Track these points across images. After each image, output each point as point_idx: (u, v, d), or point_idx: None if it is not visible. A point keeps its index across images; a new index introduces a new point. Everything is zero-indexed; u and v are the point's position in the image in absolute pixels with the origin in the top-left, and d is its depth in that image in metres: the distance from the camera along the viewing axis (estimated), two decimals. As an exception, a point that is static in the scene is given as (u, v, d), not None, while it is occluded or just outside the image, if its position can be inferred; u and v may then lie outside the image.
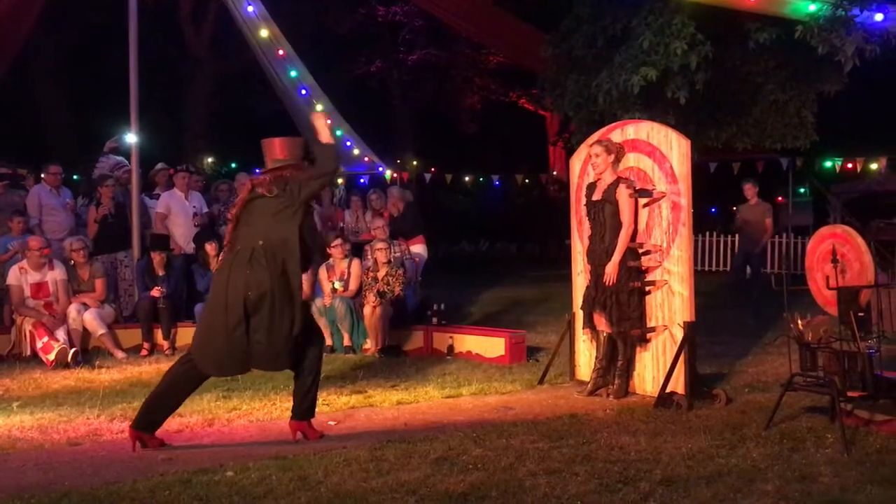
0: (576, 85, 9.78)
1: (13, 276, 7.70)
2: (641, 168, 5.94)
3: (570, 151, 10.27)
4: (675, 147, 5.73)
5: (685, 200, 5.67)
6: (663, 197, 5.77)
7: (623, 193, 5.75)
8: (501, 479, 4.05)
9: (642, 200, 5.87)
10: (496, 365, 7.19)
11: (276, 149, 4.86)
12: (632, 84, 8.32)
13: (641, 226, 5.90)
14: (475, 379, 6.57)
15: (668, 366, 5.59)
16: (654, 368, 5.85)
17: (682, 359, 5.56)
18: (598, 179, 5.95)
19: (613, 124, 6.40)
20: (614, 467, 4.19)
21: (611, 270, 5.72)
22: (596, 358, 6.03)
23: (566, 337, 6.54)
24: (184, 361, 4.79)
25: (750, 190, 9.88)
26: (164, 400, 4.73)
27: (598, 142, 5.98)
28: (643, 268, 5.84)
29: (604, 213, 5.83)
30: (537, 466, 4.22)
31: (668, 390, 5.55)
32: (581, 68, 9.75)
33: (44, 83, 19.05)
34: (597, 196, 5.90)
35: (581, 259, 6.36)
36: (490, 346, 7.48)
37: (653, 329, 5.82)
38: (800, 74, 9.54)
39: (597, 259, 5.88)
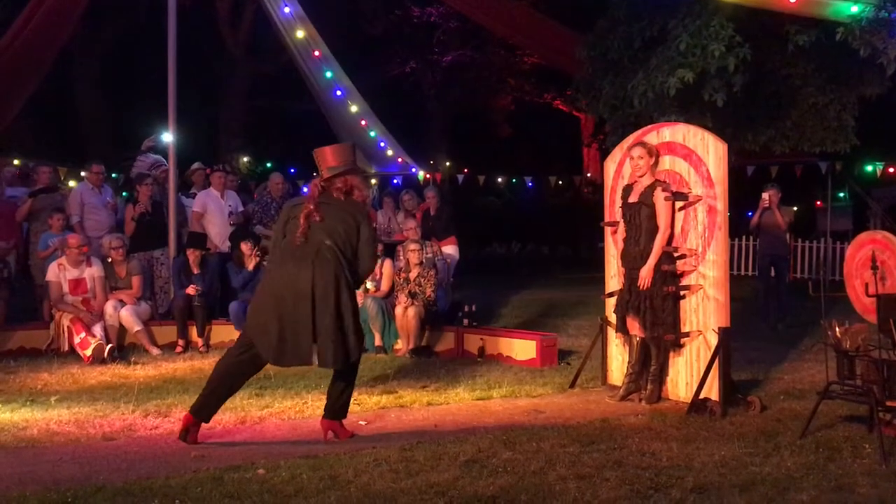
0: (611, 87, 9.70)
1: (52, 273, 7.84)
2: (677, 171, 5.87)
3: (605, 153, 10.20)
4: (711, 150, 5.67)
5: (721, 204, 5.60)
6: (699, 200, 5.70)
7: (660, 197, 5.70)
8: (531, 482, 4.03)
9: (678, 204, 5.80)
10: (527, 368, 7.16)
11: (329, 157, 5.00)
12: (668, 86, 8.22)
13: (677, 229, 5.84)
14: (506, 381, 6.55)
15: (702, 371, 5.53)
16: (687, 374, 5.78)
17: (716, 365, 5.49)
18: (635, 182, 5.90)
19: (649, 126, 6.35)
20: (645, 473, 4.15)
21: (645, 274, 5.67)
22: (628, 363, 5.98)
23: (598, 341, 6.50)
24: (241, 351, 4.85)
25: (774, 196, 9.66)
26: (219, 389, 4.83)
27: (641, 144, 5.92)
28: (678, 272, 5.78)
29: (640, 216, 5.78)
30: (567, 471, 4.19)
31: (701, 396, 5.48)
32: (617, 70, 9.67)
33: (83, 84, 19.39)
34: (633, 199, 5.85)
35: (614, 262, 6.31)
36: (521, 348, 7.45)
37: (687, 334, 5.76)
38: (840, 77, 9.36)
39: (631, 262, 5.83)
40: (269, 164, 18.99)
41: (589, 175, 20.50)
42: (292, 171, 16.58)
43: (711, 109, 8.64)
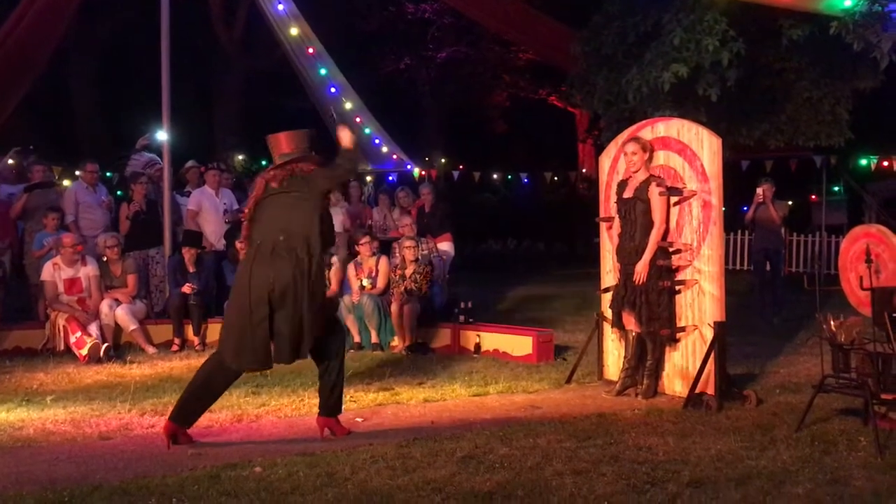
0: (606, 82, 9.71)
1: (47, 272, 7.82)
2: (671, 166, 5.88)
3: (600, 149, 10.19)
4: (705, 145, 5.67)
5: (716, 199, 5.61)
6: (694, 195, 5.71)
7: (655, 192, 5.70)
8: (528, 478, 4.04)
9: (672, 199, 5.81)
10: (523, 363, 7.16)
11: (283, 143, 4.91)
12: (662, 81, 8.23)
13: (671, 224, 5.85)
14: (502, 377, 6.56)
15: (698, 366, 5.54)
16: (683, 368, 5.79)
17: (712, 359, 5.50)
18: (630, 177, 5.91)
19: (643, 122, 6.35)
20: (642, 468, 4.16)
21: (641, 269, 5.68)
22: (624, 357, 5.99)
23: (594, 336, 6.50)
24: (216, 358, 4.83)
25: (768, 191, 9.68)
26: (198, 396, 4.79)
27: (635, 139, 5.93)
28: (673, 267, 5.79)
29: (635, 211, 5.78)
30: (564, 466, 4.20)
31: (697, 391, 5.50)
32: (611, 65, 9.67)
33: (78, 82, 19.33)
34: (628, 194, 5.85)
35: (610, 257, 6.32)
36: (517, 344, 7.45)
37: (682, 329, 5.76)
38: (834, 71, 9.37)
39: (626, 258, 5.84)
40: (263, 162, 18.94)
41: (584, 171, 20.51)
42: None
43: (706, 104, 8.65)
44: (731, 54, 8.21)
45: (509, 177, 19.01)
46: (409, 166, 16.30)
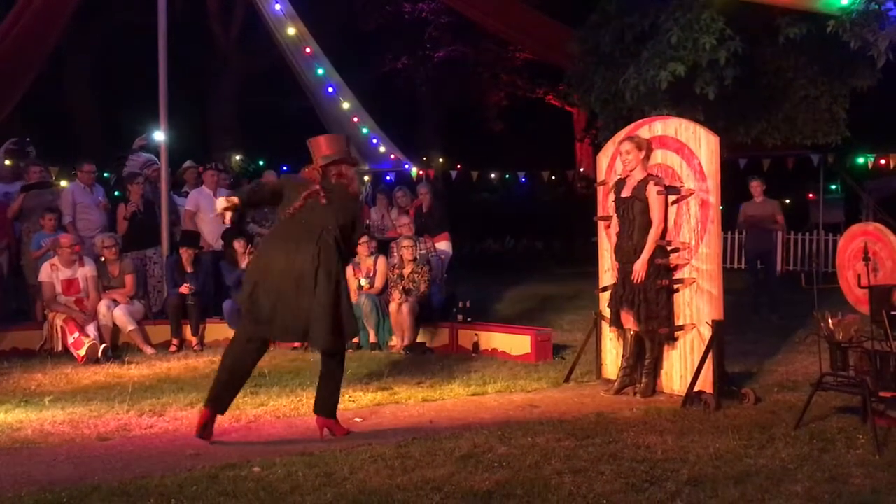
0: (603, 81, 9.69)
1: (45, 273, 7.81)
2: (669, 165, 5.88)
3: (597, 148, 10.18)
4: (703, 143, 5.68)
5: (714, 198, 5.61)
6: (692, 194, 5.71)
7: (653, 191, 5.70)
8: (527, 477, 4.04)
9: (671, 198, 5.81)
10: (522, 363, 7.16)
11: (323, 146, 5.03)
12: (660, 80, 8.21)
13: (670, 223, 5.85)
14: (501, 377, 6.56)
15: (696, 364, 5.54)
16: (681, 367, 5.80)
17: (710, 357, 5.50)
18: (628, 176, 5.91)
19: (641, 120, 6.36)
20: (641, 467, 4.17)
21: (639, 268, 5.68)
22: (623, 356, 5.99)
23: (593, 335, 6.50)
24: (248, 338, 4.90)
25: (757, 188, 9.84)
26: (232, 380, 4.89)
27: (629, 138, 5.93)
28: (671, 265, 5.79)
29: (633, 211, 5.78)
30: (563, 465, 4.21)
31: (695, 389, 5.50)
32: (608, 64, 9.65)
33: (74, 83, 19.29)
34: (626, 193, 5.85)
35: (608, 256, 6.32)
36: (516, 343, 7.45)
37: (681, 328, 5.77)
38: (832, 70, 9.37)
39: (625, 256, 5.84)
40: (261, 162, 18.93)
41: (582, 170, 20.50)
42: (284, 168, 16.53)
43: (703, 103, 8.64)
44: (728, 53, 8.20)
45: (507, 176, 19.00)
46: (406, 166, 16.28)
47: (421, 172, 16.37)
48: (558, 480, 3.97)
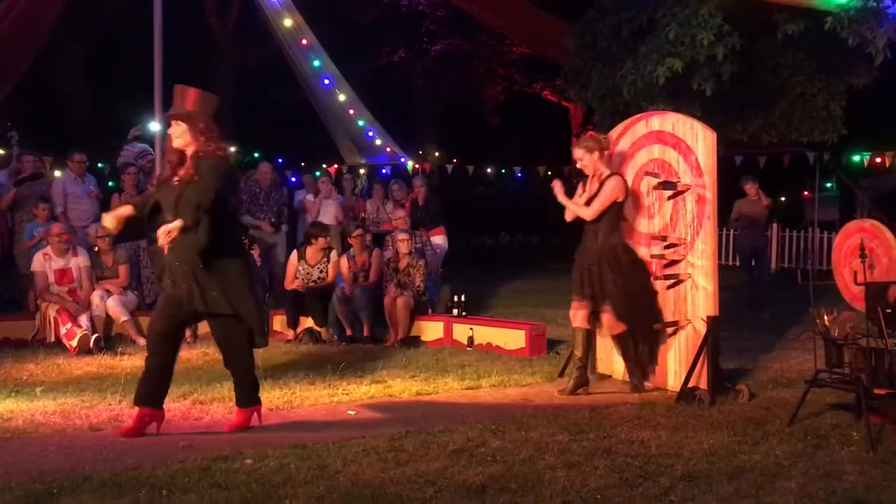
0: (600, 76, 9.67)
1: (37, 263, 7.77)
2: (666, 160, 5.87)
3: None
4: (700, 139, 5.66)
5: (710, 193, 5.60)
6: (688, 190, 5.70)
7: (610, 182, 5.63)
8: (520, 471, 4.02)
9: (666, 193, 5.80)
10: (516, 357, 7.15)
11: (189, 99, 4.88)
12: (657, 75, 8.21)
13: (666, 218, 5.83)
14: (495, 371, 6.54)
15: (691, 360, 5.53)
16: (676, 363, 5.79)
17: (704, 353, 5.49)
18: (593, 175, 5.85)
19: (638, 116, 6.34)
20: (635, 462, 4.16)
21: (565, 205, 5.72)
22: (576, 356, 5.90)
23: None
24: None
25: (751, 189, 9.94)
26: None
27: (577, 144, 5.90)
28: (667, 261, 5.78)
29: None
30: (557, 459, 4.19)
31: (690, 385, 5.49)
32: (605, 59, 9.63)
33: (68, 72, 19.18)
34: (591, 192, 5.80)
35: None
36: (510, 338, 7.44)
37: (675, 323, 5.75)
38: (829, 67, 9.36)
39: (590, 258, 5.76)
40: (256, 154, 18.86)
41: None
42: (280, 160, 16.48)
43: (700, 98, 8.63)
44: (726, 49, 8.19)
45: (503, 171, 18.98)
46: (402, 159, 16.24)
47: (417, 166, 16.33)
48: (552, 475, 3.96)
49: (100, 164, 13.21)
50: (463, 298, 8.14)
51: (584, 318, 5.80)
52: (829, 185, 18.02)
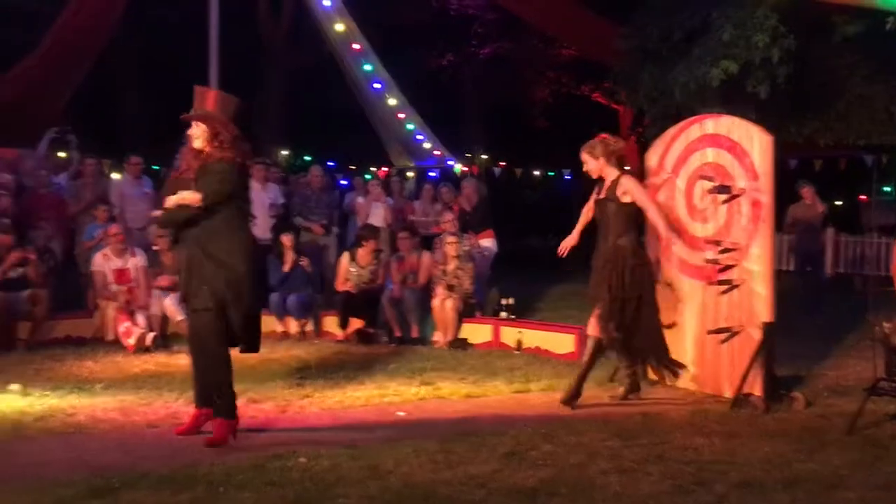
0: (650, 78, 9.62)
1: (97, 263, 7.98)
2: (721, 164, 5.79)
3: (644, 146, 10.05)
4: (756, 142, 5.58)
5: (766, 197, 5.51)
6: (743, 193, 5.62)
7: (625, 184, 5.50)
8: (571, 476, 4.01)
9: (721, 197, 5.72)
10: (565, 361, 7.12)
11: (209, 100, 4.88)
12: (711, 77, 8.13)
13: (720, 223, 5.76)
14: (544, 375, 6.52)
15: (745, 367, 5.45)
16: (729, 369, 5.70)
17: (759, 360, 5.40)
18: (601, 178, 5.74)
19: (692, 118, 6.27)
20: (688, 468, 4.12)
21: (665, 236, 5.54)
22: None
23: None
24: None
25: (808, 192, 9.69)
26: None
27: (582, 148, 5.72)
28: (721, 265, 5.70)
29: (607, 213, 5.59)
30: (608, 465, 4.17)
31: (744, 392, 5.41)
32: (656, 61, 9.59)
33: (124, 78, 19.66)
34: (601, 195, 5.69)
35: (658, 253, 6.24)
36: (559, 341, 7.41)
37: (728, 329, 5.66)
38: (888, 67, 9.16)
39: (599, 260, 5.63)
40: (307, 157, 19.10)
41: (627, 168, 20.29)
42: (331, 163, 16.67)
43: (755, 101, 8.51)
44: (781, 51, 8.08)
45: (551, 173, 18.90)
46: (450, 162, 16.30)
47: (465, 169, 16.37)
48: (604, 480, 3.94)
49: (155, 167, 13.50)
50: (511, 301, 8.13)
51: (596, 326, 5.62)
52: (887, 189, 17.56)
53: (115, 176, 11.26)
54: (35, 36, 12.22)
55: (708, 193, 5.81)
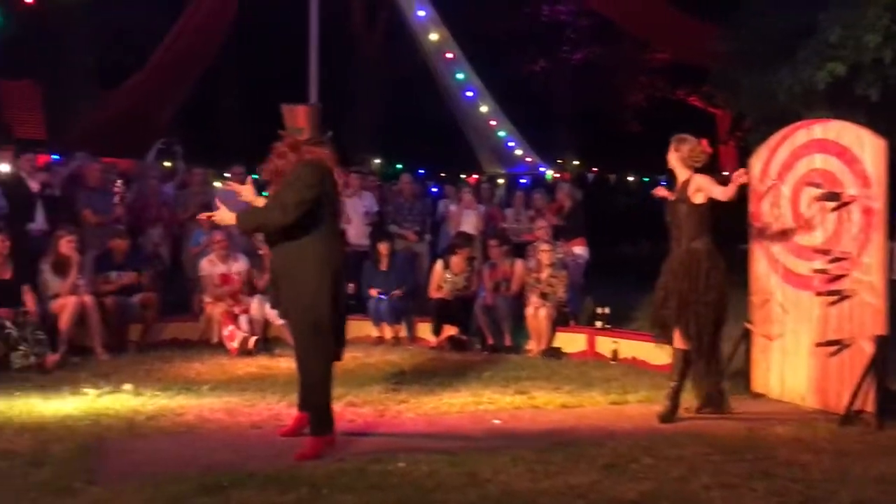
0: (752, 81, 9.33)
1: (205, 267, 8.30)
2: (829, 170, 5.58)
3: (742, 151, 9.78)
4: (868, 147, 5.35)
5: (879, 204, 5.28)
6: (854, 201, 5.39)
7: (698, 181, 5.29)
8: (673, 489, 3.94)
9: (830, 204, 5.51)
10: (663, 373, 6.94)
11: (300, 117, 4.86)
12: (817, 80, 7.83)
13: (828, 231, 5.54)
14: (642, 386, 6.40)
15: (856, 381, 5.22)
16: (839, 384, 5.47)
17: (871, 374, 5.17)
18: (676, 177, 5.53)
19: (799, 123, 6.05)
20: (796, 486, 3.98)
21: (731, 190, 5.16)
22: (685, 379, 5.47)
23: (741, 346, 6.24)
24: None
25: None
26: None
27: (675, 136, 5.55)
28: (831, 276, 5.48)
29: (679, 215, 5.39)
30: (711, 479, 4.07)
31: (855, 408, 5.18)
32: (758, 63, 9.28)
33: (225, 90, 20.41)
34: (673, 196, 5.50)
35: (760, 263, 6.06)
36: (657, 352, 7.22)
37: (838, 342, 5.43)
38: None
39: (671, 263, 5.41)
40: (399, 166, 19.36)
41: (725, 173, 19.75)
42: (421, 172, 16.85)
43: (865, 104, 8.15)
44: (894, 52, 7.70)
45: (645, 179, 18.59)
46: (542, 169, 16.24)
47: (556, 175, 16.28)
48: (707, 495, 3.85)
49: (254, 175, 13.94)
50: (607, 311, 8.02)
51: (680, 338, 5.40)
52: None
53: (217, 184, 11.71)
54: (144, 56, 12.87)
55: (815, 201, 5.60)
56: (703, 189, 5.29)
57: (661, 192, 5.64)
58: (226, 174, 10.45)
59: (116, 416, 5.36)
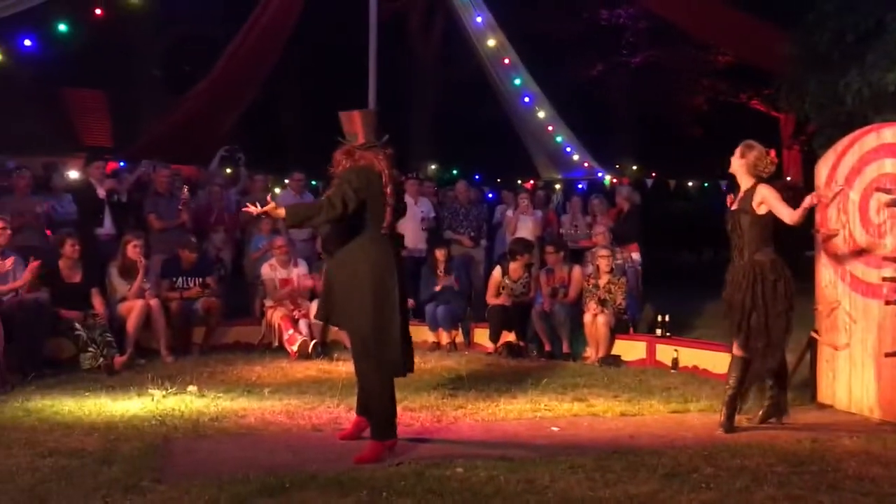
0: (818, 84, 9.09)
1: (266, 272, 8.47)
2: (900, 175, 5.41)
3: (807, 155, 9.54)
4: (941, 152, 5.17)
5: (953, 211, 5.10)
6: (926, 207, 5.22)
7: (761, 193, 5.15)
8: (736, 500, 3.87)
9: (897, 210, 5.35)
10: (724, 382, 6.83)
11: (356, 123, 4.89)
12: (887, 83, 7.60)
13: (898, 239, 5.37)
14: (703, 395, 6.28)
15: (929, 394, 5.05)
16: (910, 395, 5.31)
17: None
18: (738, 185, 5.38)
19: (868, 127, 5.89)
20: (866, 500, 3.87)
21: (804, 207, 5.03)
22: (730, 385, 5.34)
23: (807, 356, 6.09)
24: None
25: None
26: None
27: (743, 143, 5.43)
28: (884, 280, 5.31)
29: (741, 225, 5.24)
30: (776, 491, 3.98)
31: (928, 420, 5.01)
32: (825, 66, 9.04)
33: (286, 98, 20.76)
34: (735, 205, 5.35)
35: (826, 272, 5.91)
36: (719, 361, 7.09)
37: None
38: None
39: (734, 275, 5.27)
40: (454, 171, 19.41)
41: (789, 178, 19.29)
42: (477, 177, 16.87)
43: (937, 107, 7.89)
44: (967, 52, 7.45)
45: (706, 184, 18.25)
46: (600, 174, 16.09)
47: (615, 180, 16.10)
48: (771, 507, 3.77)
49: (314, 182, 14.14)
50: (667, 318, 7.91)
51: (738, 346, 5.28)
52: None
53: (277, 191, 11.92)
54: (209, 65, 13.19)
55: (885, 207, 5.44)
56: (768, 203, 5.18)
57: (732, 201, 5.53)
58: (286, 181, 10.62)
59: (181, 417, 5.50)
